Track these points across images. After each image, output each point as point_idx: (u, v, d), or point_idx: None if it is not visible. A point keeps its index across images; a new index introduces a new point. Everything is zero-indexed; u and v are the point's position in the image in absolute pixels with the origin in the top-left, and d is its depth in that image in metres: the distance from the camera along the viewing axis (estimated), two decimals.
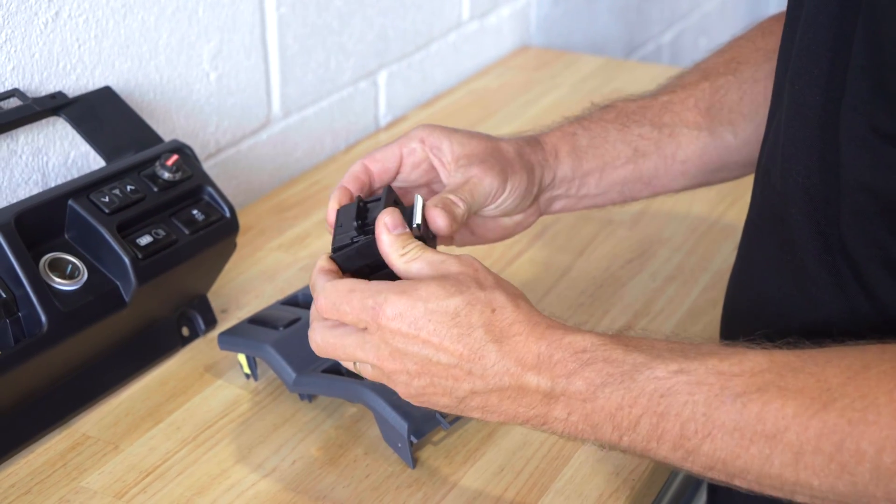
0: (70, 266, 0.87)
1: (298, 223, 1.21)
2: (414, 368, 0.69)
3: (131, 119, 1.00)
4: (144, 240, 0.90)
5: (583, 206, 0.91)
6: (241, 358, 0.93)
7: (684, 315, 1.03)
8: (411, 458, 0.83)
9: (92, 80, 1.03)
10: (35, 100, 0.95)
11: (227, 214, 0.97)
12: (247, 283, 1.09)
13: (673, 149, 0.90)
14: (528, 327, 0.68)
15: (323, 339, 0.72)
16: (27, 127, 0.98)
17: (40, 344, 0.83)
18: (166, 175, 0.93)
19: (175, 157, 0.94)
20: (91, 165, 1.04)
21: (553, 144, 0.88)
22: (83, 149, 1.03)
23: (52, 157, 1.01)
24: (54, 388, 0.88)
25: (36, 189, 1.00)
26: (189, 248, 0.93)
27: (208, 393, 0.93)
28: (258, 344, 0.90)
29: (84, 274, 0.88)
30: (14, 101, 0.94)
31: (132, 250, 0.89)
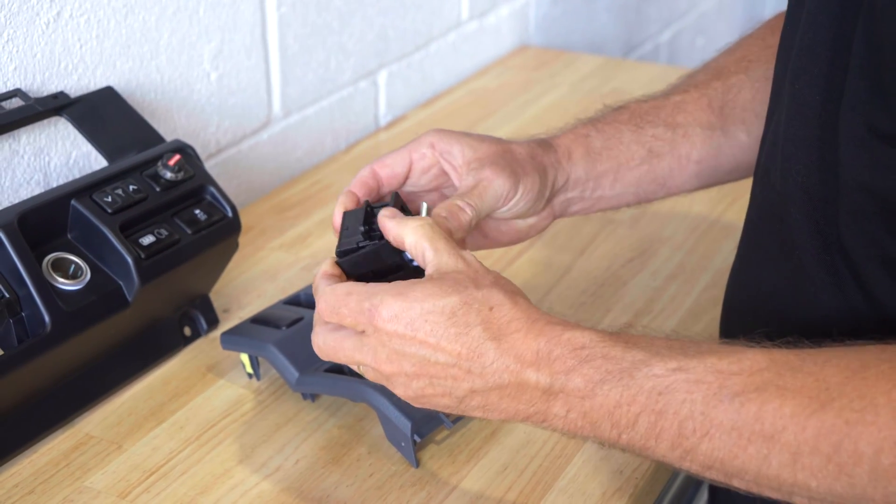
0: (73, 266, 0.87)
1: (299, 223, 1.21)
2: (412, 370, 0.68)
3: (133, 119, 1.00)
4: (147, 239, 0.90)
5: (598, 208, 0.90)
6: (244, 357, 0.93)
7: (686, 314, 1.03)
8: (414, 458, 0.83)
9: (93, 80, 1.03)
10: (37, 100, 0.95)
11: (230, 214, 0.97)
12: (248, 283, 1.09)
13: (687, 149, 0.89)
14: (526, 324, 0.68)
15: (324, 342, 0.72)
16: (29, 127, 0.98)
17: (44, 344, 0.83)
18: (168, 175, 0.94)
19: (177, 156, 0.94)
20: (93, 165, 1.04)
21: (566, 146, 0.87)
22: (85, 149, 1.03)
23: (54, 157, 1.01)
24: (57, 387, 0.88)
25: (38, 189, 1.00)
26: (191, 248, 0.93)
27: (211, 393, 0.93)
28: (261, 343, 0.90)
29: (87, 274, 0.88)
30: (16, 101, 0.94)
31: (135, 250, 0.89)
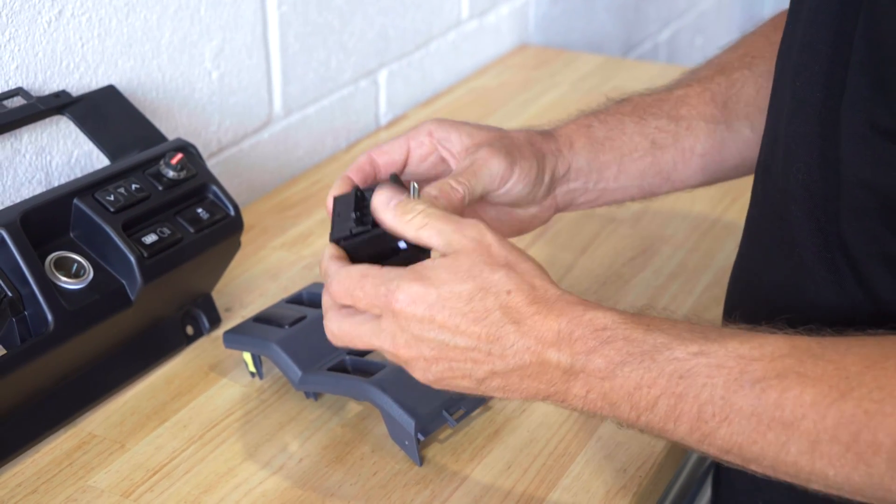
0: (76, 265, 0.87)
1: (301, 222, 1.21)
2: (431, 354, 0.68)
3: (135, 118, 1.00)
4: (150, 238, 0.90)
5: (603, 201, 0.90)
6: (247, 356, 0.93)
7: (688, 312, 1.03)
8: (418, 456, 0.83)
9: (95, 79, 1.03)
10: (39, 98, 0.95)
11: (232, 213, 0.97)
12: (250, 282, 1.09)
13: (691, 142, 0.89)
14: (545, 306, 0.67)
15: (339, 328, 0.71)
16: (30, 126, 0.97)
17: (46, 343, 0.83)
18: (171, 174, 0.93)
19: (179, 155, 0.94)
20: (94, 164, 1.04)
21: (567, 135, 0.87)
22: (86, 148, 1.03)
23: (56, 156, 1.01)
24: (60, 387, 0.88)
25: (39, 188, 1.00)
26: (194, 247, 0.93)
27: (213, 392, 0.93)
28: (264, 342, 0.90)
29: (90, 273, 0.87)
30: (18, 100, 0.93)
31: (137, 249, 0.89)
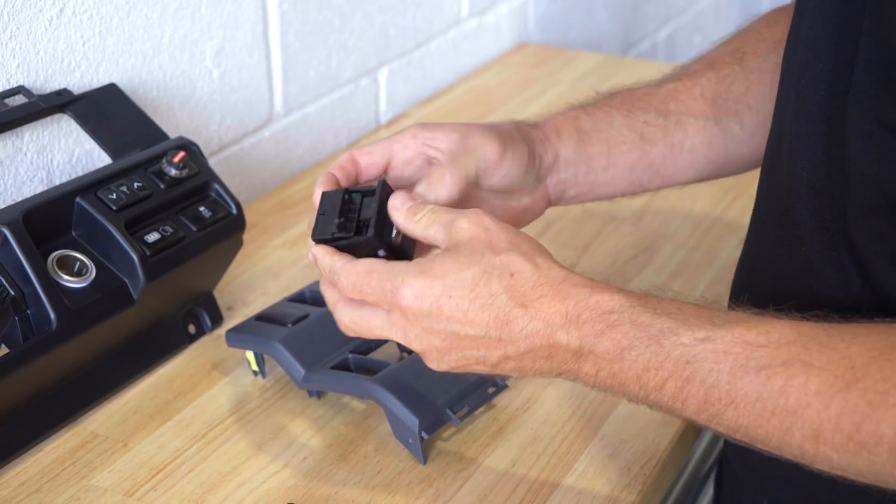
0: (78, 263, 0.87)
1: (302, 220, 1.20)
2: (443, 345, 0.69)
3: (137, 116, 1.00)
4: (152, 237, 0.90)
5: (595, 194, 0.90)
6: (249, 355, 0.93)
7: None
8: (422, 454, 0.83)
9: (96, 78, 1.02)
10: (41, 97, 0.95)
11: (234, 211, 0.97)
12: (252, 281, 1.09)
13: (680, 137, 0.89)
14: (551, 288, 0.67)
15: (351, 319, 0.73)
16: (32, 124, 0.97)
17: (49, 341, 0.83)
18: (173, 172, 0.93)
19: (182, 153, 0.94)
20: (95, 163, 1.04)
21: (554, 125, 0.87)
22: (88, 146, 1.03)
23: (57, 154, 1.01)
24: (62, 386, 0.88)
25: (41, 187, 0.99)
26: (196, 245, 0.93)
27: (216, 390, 0.93)
28: (267, 341, 0.90)
29: (92, 271, 0.87)
30: (20, 99, 0.93)
31: (140, 247, 0.88)
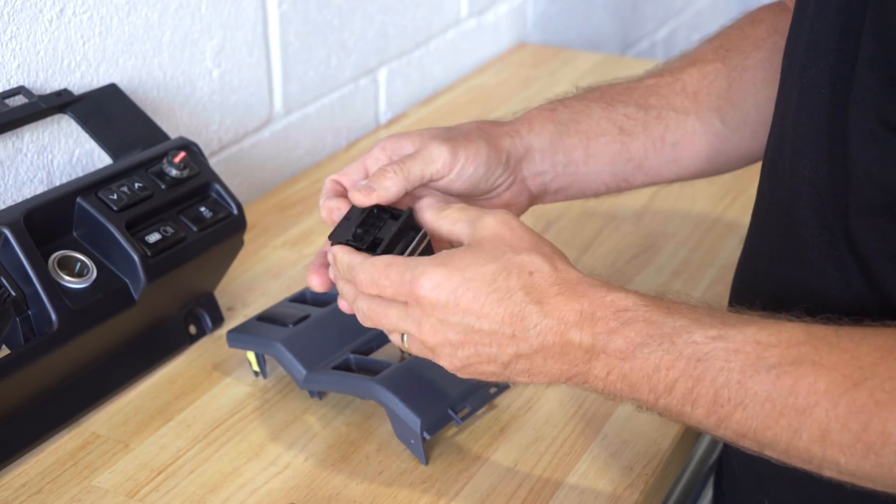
0: (79, 264, 0.87)
1: (302, 220, 1.20)
2: (456, 339, 0.69)
3: (137, 116, 1.00)
4: (153, 237, 0.90)
5: (578, 188, 0.89)
6: (250, 355, 0.93)
7: None
8: (424, 455, 0.83)
9: (96, 78, 1.02)
10: (41, 97, 0.94)
11: (235, 211, 0.97)
12: (252, 281, 1.08)
13: (661, 131, 0.89)
14: (567, 287, 0.68)
15: (369, 308, 0.72)
16: (32, 125, 0.97)
17: (50, 342, 0.83)
18: (174, 172, 0.93)
19: (182, 154, 0.93)
20: (96, 163, 1.04)
21: (527, 118, 0.87)
22: (88, 147, 1.03)
23: (58, 155, 1.01)
24: (63, 386, 0.88)
25: (41, 187, 0.99)
26: (197, 246, 0.93)
27: (217, 391, 0.93)
28: (268, 341, 0.90)
29: (93, 272, 0.87)
30: (20, 99, 0.93)
31: (141, 248, 0.88)
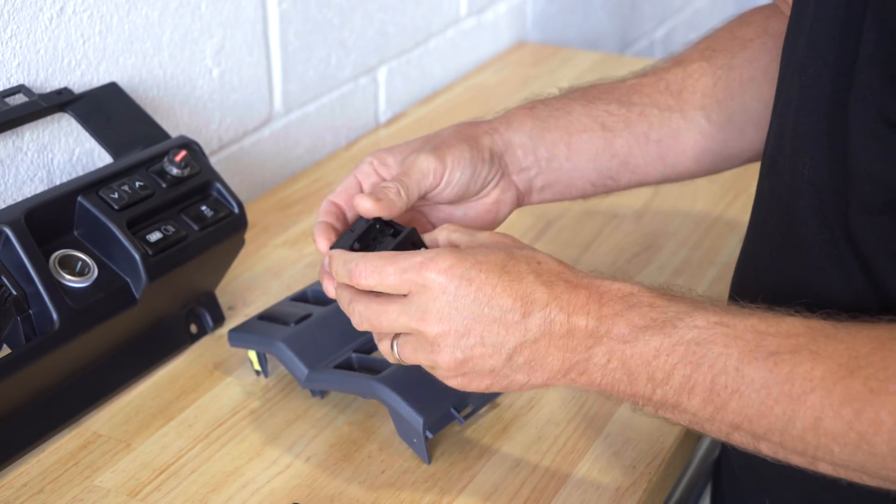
0: (80, 263, 0.86)
1: (302, 220, 1.20)
2: (463, 326, 0.68)
3: (138, 115, 0.99)
4: (154, 236, 0.90)
5: (565, 185, 0.88)
6: (252, 354, 0.93)
7: None
8: (427, 454, 0.83)
9: (96, 76, 1.02)
10: (41, 96, 0.94)
11: (236, 210, 0.96)
12: (253, 280, 1.08)
13: (644, 128, 0.88)
14: (574, 276, 0.70)
15: (367, 308, 0.71)
16: (32, 124, 0.96)
17: (51, 341, 0.82)
18: (175, 171, 0.93)
19: (183, 152, 0.93)
20: (96, 162, 1.03)
21: (506, 116, 0.87)
22: (88, 146, 1.02)
23: (58, 153, 1.00)
24: (64, 386, 0.87)
25: (41, 186, 0.99)
26: (198, 245, 0.92)
27: (219, 390, 0.92)
28: (270, 340, 0.89)
29: (94, 271, 0.87)
30: (20, 98, 0.93)
31: (142, 247, 0.88)
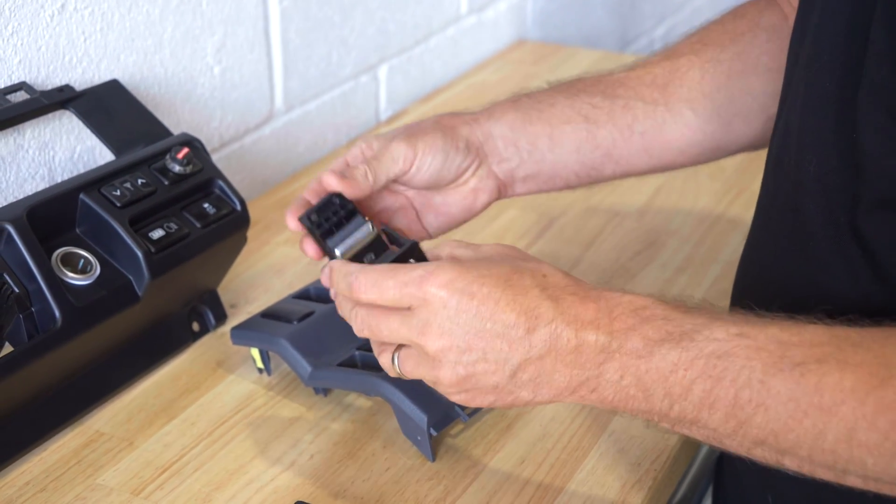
0: (82, 260, 0.86)
1: None
2: (464, 341, 0.66)
3: (140, 112, 0.99)
4: (157, 233, 0.89)
5: (547, 177, 0.88)
6: (255, 352, 0.92)
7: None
8: (431, 451, 0.83)
9: (98, 74, 1.02)
10: (43, 93, 0.94)
11: (238, 208, 0.96)
12: (255, 278, 1.08)
13: (628, 120, 0.87)
14: (581, 290, 0.67)
15: (368, 314, 0.69)
16: (34, 121, 0.96)
17: (54, 339, 0.82)
18: (177, 168, 0.92)
19: (185, 150, 0.93)
20: (97, 160, 1.03)
21: (489, 108, 0.87)
22: (89, 143, 1.02)
23: (59, 151, 1.00)
24: (67, 384, 0.87)
25: (43, 184, 0.99)
26: (201, 242, 0.92)
27: (221, 388, 0.92)
28: (273, 338, 0.89)
29: (97, 268, 0.86)
30: (21, 95, 0.92)
31: (144, 244, 0.88)
